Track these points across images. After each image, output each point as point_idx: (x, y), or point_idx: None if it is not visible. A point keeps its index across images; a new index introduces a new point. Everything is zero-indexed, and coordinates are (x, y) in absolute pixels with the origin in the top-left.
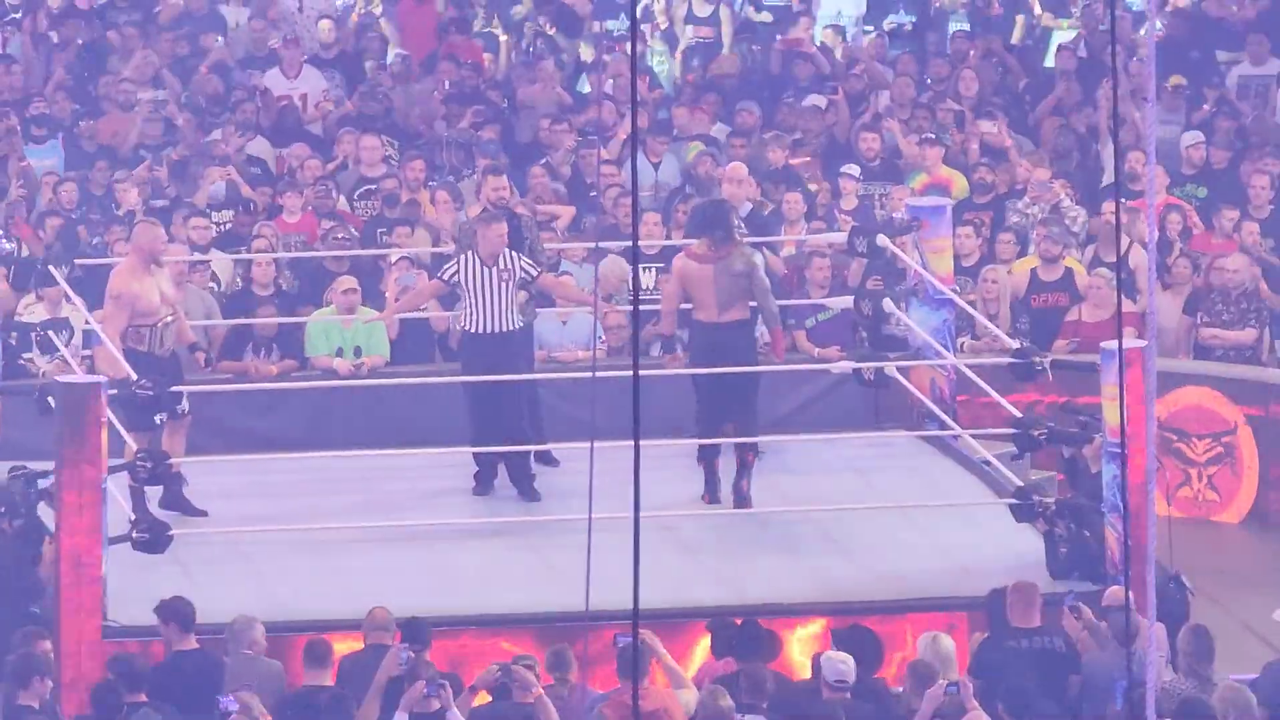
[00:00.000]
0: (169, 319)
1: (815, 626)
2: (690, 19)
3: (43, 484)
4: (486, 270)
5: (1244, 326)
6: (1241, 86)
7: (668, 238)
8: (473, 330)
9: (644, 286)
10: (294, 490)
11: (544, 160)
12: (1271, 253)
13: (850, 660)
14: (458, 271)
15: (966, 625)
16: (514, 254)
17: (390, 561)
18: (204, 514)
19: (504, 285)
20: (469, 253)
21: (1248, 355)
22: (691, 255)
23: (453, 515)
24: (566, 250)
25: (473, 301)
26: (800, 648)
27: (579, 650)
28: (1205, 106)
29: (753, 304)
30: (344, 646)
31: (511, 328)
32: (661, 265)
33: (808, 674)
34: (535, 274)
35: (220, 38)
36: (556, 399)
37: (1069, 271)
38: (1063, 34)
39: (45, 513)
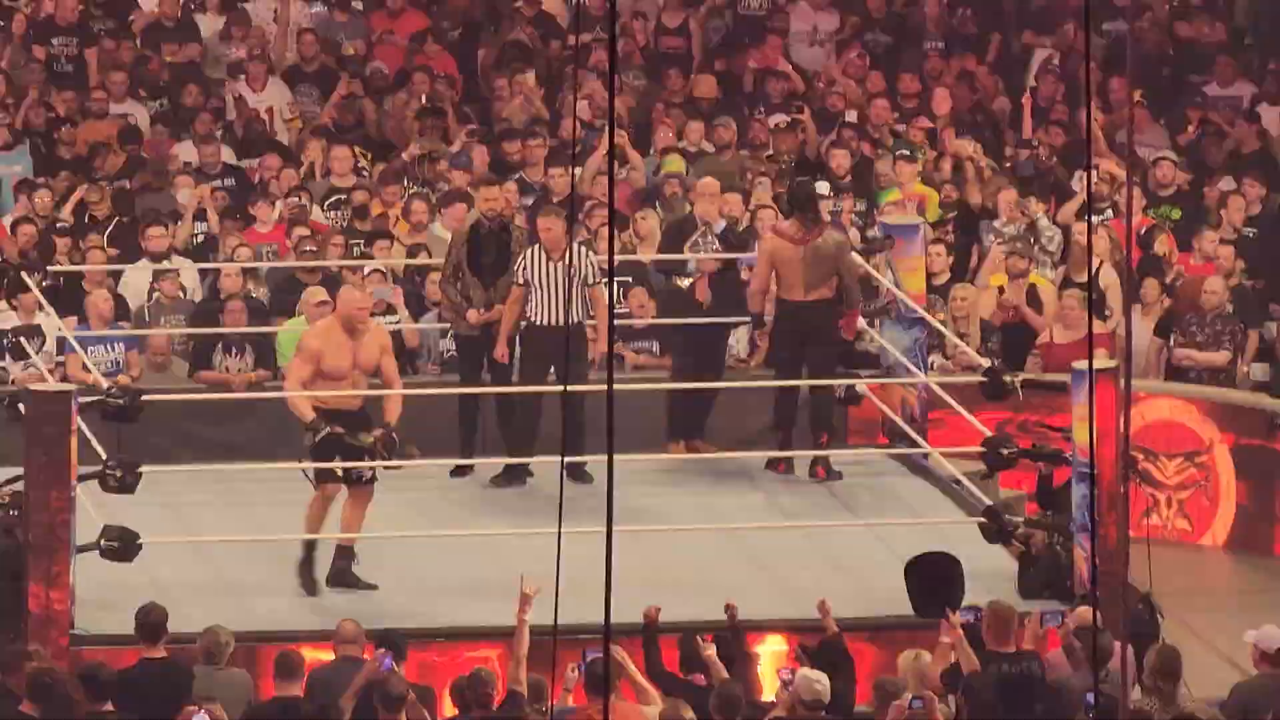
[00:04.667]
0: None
1: (781, 642)
2: (660, 30)
3: None
4: (552, 264)
5: (1218, 348)
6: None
7: (634, 250)
8: (538, 322)
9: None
10: (264, 499)
11: (517, 175)
12: (1243, 274)
13: (825, 680)
14: (526, 268)
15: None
16: (584, 249)
17: (361, 572)
18: (374, 588)
19: (570, 279)
20: (534, 247)
21: (1221, 378)
22: (781, 235)
23: (425, 527)
24: None
25: (539, 294)
26: (768, 664)
27: (554, 660)
28: (1190, 129)
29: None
30: (314, 658)
31: (577, 319)
32: (628, 281)
33: (773, 692)
34: (595, 280)
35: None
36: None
37: (1033, 288)
38: (1043, 52)
39: None
